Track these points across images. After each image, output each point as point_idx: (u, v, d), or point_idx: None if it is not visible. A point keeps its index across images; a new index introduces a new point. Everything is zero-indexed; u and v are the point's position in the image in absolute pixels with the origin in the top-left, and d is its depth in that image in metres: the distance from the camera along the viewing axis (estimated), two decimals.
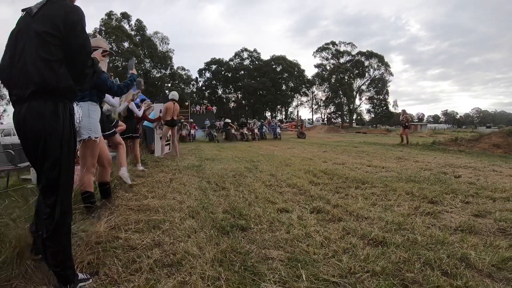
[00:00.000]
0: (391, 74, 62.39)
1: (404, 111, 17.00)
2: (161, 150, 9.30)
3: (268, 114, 64.86)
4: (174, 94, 9.40)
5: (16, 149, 5.58)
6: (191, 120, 23.23)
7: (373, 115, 65.31)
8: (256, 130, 21.97)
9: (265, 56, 64.48)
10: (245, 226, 3.02)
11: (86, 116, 3.27)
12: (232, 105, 64.89)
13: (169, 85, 55.59)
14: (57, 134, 1.91)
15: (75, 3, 2.11)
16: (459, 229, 3.11)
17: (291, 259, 2.34)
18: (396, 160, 8.69)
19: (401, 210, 3.69)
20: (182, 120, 19.13)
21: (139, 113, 7.08)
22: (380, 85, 62.01)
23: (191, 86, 62.85)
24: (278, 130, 23.00)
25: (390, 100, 64.38)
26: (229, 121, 23.18)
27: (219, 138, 21.50)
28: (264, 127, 23.48)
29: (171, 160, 8.46)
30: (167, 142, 9.83)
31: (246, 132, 21.10)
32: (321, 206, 3.71)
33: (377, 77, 62.19)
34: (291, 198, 4.20)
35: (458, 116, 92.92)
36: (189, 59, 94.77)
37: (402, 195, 4.39)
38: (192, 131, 21.87)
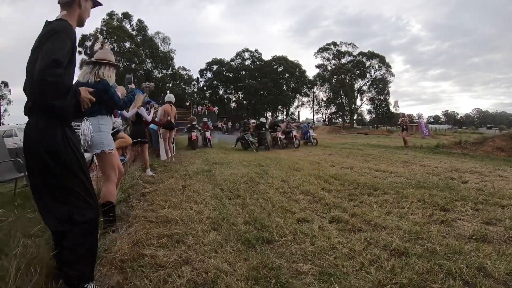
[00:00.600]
0: (392, 74, 62.57)
1: (403, 114, 17.19)
2: (165, 154, 9.34)
3: (269, 114, 64.94)
4: (170, 97, 9.34)
5: (23, 156, 5.53)
6: (205, 119, 17.09)
7: (374, 116, 65.39)
8: (294, 133, 15.82)
9: (267, 57, 64.64)
10: (269, 238, 3.06)
11: (96, 131, 3.29)
12: (233, 105, 64.90)
13: (170, 85, 55.59)
14: (48, 148, 1.97)
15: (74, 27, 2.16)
16: (473, 237, 3.21)
17: (322, 273, 2.41)
18: (402, 164, 8.78)
19: (416, 219, 3.79)
20: (194, 123, 15.39)
21: (149, 117, 7.08)
22: (381, 86, 62.10)
23: (192, 86, 62.90)
24: (311, 133, 17.24)
25: (391, 100, 64.49)
26: (265, 120, 16.10)
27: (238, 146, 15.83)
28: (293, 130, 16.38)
29: (179, 165, 8.51)
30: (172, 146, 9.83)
31: (280, 135, 15.44)
32: (339, 216, 3.79)
33: (378, 77, 62.30)
34: (307, 207, 4.28)
35: (458, 116, 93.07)
36: (190, 59, 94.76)
37: (415, 203, 4.48)
38: (208, 134, 15.83)
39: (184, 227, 3.37)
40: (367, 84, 63.50)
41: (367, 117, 67.88)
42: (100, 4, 2.46)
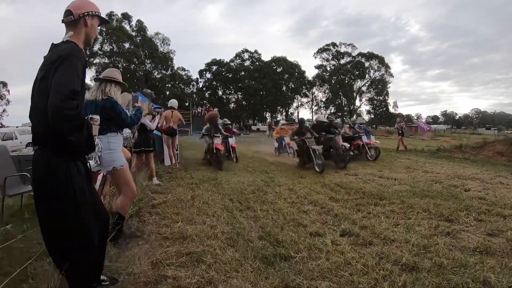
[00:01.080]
0: (391, 75, 62.77)
1: (399, 119, 17.36)
2: (169, 159, 9.42)
3: (268, 115, 65.03)
4: (172, 102, 9.48)
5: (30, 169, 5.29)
6: (226, 120, 12.80)
7: (373, 116, 65.58)
8: (365, 139, 11.24)
9: (266, 57, 64.71)
10: (286, 254, 3.15)
11: (106, 149, 3.34)
12: (232, 106, 64.93)
13: (170, 85, 55.62)
14: (47, 186, 1.93)
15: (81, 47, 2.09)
16: (477, 250, 3.35)
17: None
18: (405, 170, 8.93)
19: (422, 230, 3.92)
20: (219, 121, 10.97)
21: (153, 125, 6.83)
22: (380, 86, 62.32)
23: (191, 86, 62.94)
24: (372, 138, 11.62)
25: (390, 101, 64.77)
26: (326, 120, 10.85)
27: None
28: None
29: (184, 171, 8.58)
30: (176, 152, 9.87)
31: (344, 143, 10.22)
32: (349, 228, 3.92)
33: (377, 78, 62.51)
34: (317, 219, 4.40)
35: (457, 116, 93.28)
36: (190, 59, 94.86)
37: (421, 213, 4.63)
38: (232, 141, 11.33)
39: (201, 244, 3.42)
40: (366, 84, 63.75)
41: (366, 117, 68.06)
42: (108, 21, 2.43)
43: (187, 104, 49.20)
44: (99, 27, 2.33)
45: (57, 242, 2.00)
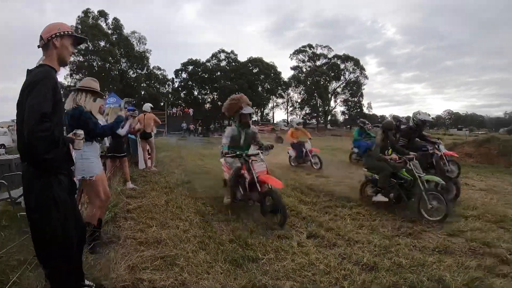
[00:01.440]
0: (366, 77, 64.15)
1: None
2: (144, 163, 9.32)
3: None
4: (145, 106, 9.50)
5: (7, 176, 5.06)
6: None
7: (347, 117, 66.84)
8: (443, 149, 7.30)
9: (243, 57, 64.67)
10: (254, 257, 3.32)
11: (79, 158, 3.28)
12: (207, 106, 64.58)
13: (145, 85, 54.71)
14: (30, 199, 2.10)
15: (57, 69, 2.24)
16: (436, 250, 3.62)
17: None
18: None
19: (385, 232, 4.17)
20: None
21: (122, 132, 6.25)
22: (355, 88, 63.61)
23: (166, 86, 62.21)
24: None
25: (365, 102, 66.22)
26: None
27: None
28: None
29: (159, 175, 8.53)
30: (148, 156, 9.71)
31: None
32: (315, 231, 4.12)
33: (352, 80, 63.77)
34: (286, 222, 4.54)
35: (430, 117, 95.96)
36: (165, 59, 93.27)
37: (385, 215, 4.89)
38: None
39: (174, 247, 3.54)
40: (341, 86, 64.90)
41: (340, 118, 69.32)
42: (83, 38, 2.48)
43: (162, 104, 48.54)
44: (79, 45, 2.43)
45: (43, 248, 2.15)
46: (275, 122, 61.19)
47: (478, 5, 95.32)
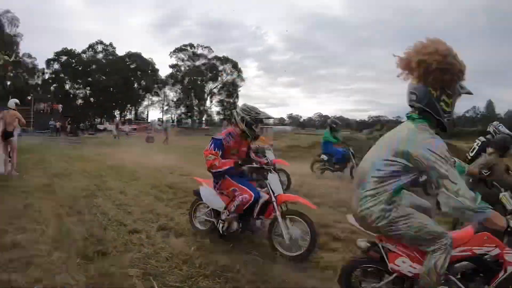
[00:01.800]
0: (242, 79, 67.43)
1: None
2: (4, 167, 8.22)
3: (117, 113, 61.35)
4: (10, 102, 8.46)
5: None
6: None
7: (222, 117, 69.18)
8: None
9: (121, 51, 60.62)
10: (105, 251, 3.61)
11: None
12: (79, 102, 58.51)
13: (11, 74, 46.11)
14: None
15: None
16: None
17: (145, 274, 3.14)
18: None
19: None
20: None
21: None
22: (231, 89, 66.27)
23: (36, 77, 53.97)
24: None
25: (239, 103, 69.56)
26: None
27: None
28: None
29: (20, 179, 7.77)
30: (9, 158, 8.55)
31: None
32: (166, 224, 4.62)
33: (229, 81, 66.23)
34: (139, 218, 4.96)
35: (301, 119, 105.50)
36: (37, 45, 78.55)
37: None
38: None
39: (31, 250, 3.57)
40: (218, 87, 66.85)
41: (216, 118, 71.31)
42: None
43: (29, 97, 41.60)
44: None
45: None
46: (149, 121, 59.10)
47: (356, 24, 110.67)
